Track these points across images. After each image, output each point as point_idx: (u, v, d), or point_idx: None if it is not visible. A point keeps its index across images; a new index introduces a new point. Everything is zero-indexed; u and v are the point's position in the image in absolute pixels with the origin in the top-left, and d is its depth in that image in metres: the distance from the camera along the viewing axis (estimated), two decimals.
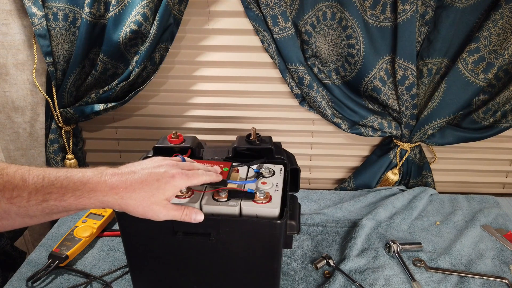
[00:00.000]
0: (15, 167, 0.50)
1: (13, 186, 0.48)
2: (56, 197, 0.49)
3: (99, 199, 0.51)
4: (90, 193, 0.50)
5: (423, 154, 1.15)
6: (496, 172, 1.22)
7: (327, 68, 1.07)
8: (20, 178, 0.48)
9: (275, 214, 0.63)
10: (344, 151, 1.22)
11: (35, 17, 0.96)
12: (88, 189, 0.50)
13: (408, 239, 0.93)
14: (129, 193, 0.52)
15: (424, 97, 1.07)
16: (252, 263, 0.67)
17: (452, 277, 0.82)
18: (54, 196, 0.49)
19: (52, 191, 0.49)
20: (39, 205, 0.49)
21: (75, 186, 0.50)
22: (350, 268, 0.84)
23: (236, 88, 1.15)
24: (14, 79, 1.10)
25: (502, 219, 0.99)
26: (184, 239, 0.64)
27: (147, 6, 0.94)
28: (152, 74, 1.06)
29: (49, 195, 0.49)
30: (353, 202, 1.05)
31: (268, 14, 0.98)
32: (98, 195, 0.51)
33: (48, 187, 0.49)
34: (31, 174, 0.49)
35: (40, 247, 0.90)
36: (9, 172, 0.49)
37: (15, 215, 0.49)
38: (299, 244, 0.92)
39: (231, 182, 0.67)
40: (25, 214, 0.49)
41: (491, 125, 1.04)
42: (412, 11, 0.91)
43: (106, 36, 0.99)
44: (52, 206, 0.49)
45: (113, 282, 0.81)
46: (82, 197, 0.50)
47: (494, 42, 0.94)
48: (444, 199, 1.08)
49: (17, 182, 0.48)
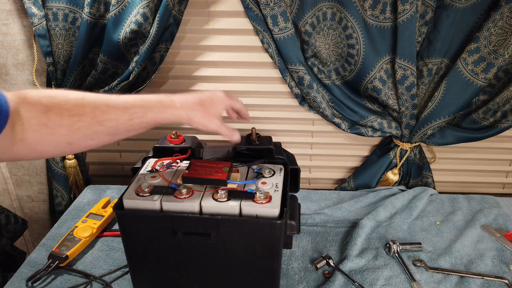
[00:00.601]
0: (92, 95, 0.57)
1: (101, 111, 0.56)
2: (139, 116, 0.58)
3: (174, 113, 0.61)
4: (166, 109, 0.61)
5: (423, 154, 1.15)
6: (496, 172, 1.22)
7: (327, 68, 1.07)
8: (104, 104, 0.57)
9: (275, 214, 0.63)
10: (344, 151, 1.22)
11: (35, 17, 0.96)
12: (164, 106, 0.61)
13: (408, 239, 0.93)
14: (194, 108, 0.63)
15: (424, 97, 1.07)
16: (252, 263, 0.67)
17: (452, 277, 0.82)
18: (137, 115, 0.58)
19: (135, 111, 0.58)
20: (125, 124, 0.58)
21: (153, 104, 0.60)
22: (350, 268, 0.84)
23: (236, 88, 1.15)
24: (14, 79, 1.10)
25: (502, 219, 0.99)
26: (184, 239, 0.64)
27: (147, 6, 0.94)
28: (152, 74, 1.06)
29: (133, 114, 0.58)
30: (353, 202, 1.05)
31: (268, 14, 0.98)
32: (172, 110, 0.61)
33: (132, 108, 0.58)
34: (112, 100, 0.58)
35: (40, 247, 0.90)
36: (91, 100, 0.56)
37: (103, 135, 0.57)
38: (299, 244, 0.92)
39: (231, 182, 0.67)
40: (113, 133, 0.58)
41: (491, 125, 1.04)
42: (412, 11, 0.91)
43: (106, 36, 0.99)
44: (136, 124, 0.59)
45: (113, 282, 0.81)
46: (160, 113, 0.60)
47: (494, 42, 0.94)
48: (444, 199, 1.08)
49: (103, 107, 0.56)
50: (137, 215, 0.65)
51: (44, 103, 0.53)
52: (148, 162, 0.76)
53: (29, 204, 1.35)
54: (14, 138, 0.51)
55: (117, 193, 1.09)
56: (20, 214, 1.35)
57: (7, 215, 1.10)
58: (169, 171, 0.72)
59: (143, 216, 0.65)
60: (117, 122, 0.57)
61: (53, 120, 0.53)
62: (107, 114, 0.56)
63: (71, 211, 1.03)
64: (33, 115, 0.52)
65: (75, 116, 0.54)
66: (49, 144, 0.55)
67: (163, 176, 0.70)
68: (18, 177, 1.30)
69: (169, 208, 0.64)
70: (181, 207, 0.64)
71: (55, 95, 0.55)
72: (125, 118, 0.58)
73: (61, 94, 0.55)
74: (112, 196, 1.08)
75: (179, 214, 0.63)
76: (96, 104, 0.56)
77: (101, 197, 1.07)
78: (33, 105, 0.53)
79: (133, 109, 0.58)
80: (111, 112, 0.57)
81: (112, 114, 0.57)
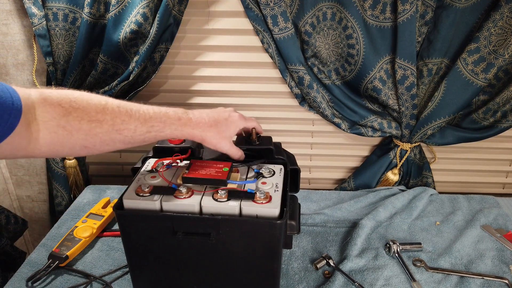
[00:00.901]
0: (114, 102, 0.58)
1: (121, 120, 0.57)
2: (157, 130, 0.60)
3: (189, 131, 0.63)
4: (183, 127, 0.62)
5: (423, 154, 1.15)
6: (496, 172, 1.22)
7: (327, 68, 1.07)
8: (125, 113, 0.58)
9: (275, 214, 0.63)
10: (344, 151, 1.22)
11: (35, 17, 0.96)
12: (181, 124, 0.62)
13: (408, 239, 0.93)
14: (207, 128, 0.64)
15: (424, 97, 1.07)
16: (252, 263, 0.67)
17: (452, 277, 0.82)
18: (155, 128, 0.60)
19: (154, 124, 0.60)
20: (142, 135, 0.59)
21: (171, 121, 0.61)
22: (350, 268, 0.84)
23: (236, 88, 1.15)
24: (14, 79, 1.10)
25: (502, 219, 0.99)
26: (184, 239, 0.64)
27: (147, 6, 0.94)
28: (152, 74, 1.06)
29: (152, 127, 0.60)
30: (353, 202, 1.05)
31: (268, 14, 0.98)
32: (188, 129, 0.63)
33: (151, 121, 0.59)
34: (133, 110, 0.58)
35: (40, 247, 0.90)
36: (113, 106, 0.57)
37: (119, 142, 0.59)
38: (299, 244, 0.92)
39: (231, 182, 0.67)
40: (128, 142, 0.59)
41: (491, 125, 1.04)
42: (412, 11, 0.91)
43: (106, 36, 0.99)
44: (152, 136, 0.60)
45: (113, 282, 0.81)
46: (176, 130, 0.62)
47: (494, 42, 0.94)
48: (444, 199, 1.08)
49: (124, 116, 0.57)
50: (137, 215, 0.65)
51: (65, 106, 0.54)
52: (148, 162, 0.76)
53: (29, 204, 1.35)
54: (30, 137, 0.52)
55: (117, 193, 1.09)
56: (20, 214, 1.35)
57: (7, 215, 1.10)
58: (169, 171, 0.72)
59: (143, 216, 0.65)
60: (135, 132, 0.59)
61: (72, 124, 0.54)
62: (126, 123, 0.58)
63: (71, 211, 1.03)
64: (51, 117, 0.53)
65: (94, 122, 0.55)
66: (65, 145, 0.56)
67: (163, 176, 0.70)
68: (18, 177, 1.30)
69: (169, 208, 0.64)
70: (181, 207, 0.64)
71: (77, 99, 0.55)
72: (143, 130, 0.59)
73: (83, 97, 0.56)
74: (112, 196, 1.08)
75: (179, 214, 0.63)
76: (117, 112, 0.57)
77: (101, 197, 1.07)
78: (53, 107, 0.53)
79: (152, 122, 0.59)
80: (131, 123, 0.58)
81: (132, 125, 0.58)
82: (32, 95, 0.53)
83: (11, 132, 0.49)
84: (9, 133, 0.49)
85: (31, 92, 0.54)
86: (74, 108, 0.54)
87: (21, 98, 0.50)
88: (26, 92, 0.52)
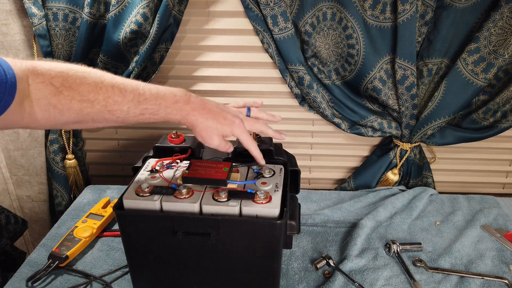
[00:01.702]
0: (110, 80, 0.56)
1: (114, 101, 0.55)
2: (150, 112, 0.58)
3: (183, 115, 0.61)
4: (178, 111, 0.60)
5: (423, 154, 1.15)
6: (496, 172, 1.22)
7: (327, 68, 1.07)
8: (119, 93, 0.55)
9: (275, 214, 0.63)
10: (344, 151, 1.22)
11: (35, 17, 0.96)
12: (177, 107, 0.60)
13: (408, 239, 0.93)
14: (202, 118, 0.62)
15: (424, 97, 1.07)
16: (252, 263, 0.67)
17: (452, 277, 0.82)
18: (149, 111, 0.58)
19: (148, 107, 0.58)
20: (135, 117, 0.58)
21: (166, 104, 0.59)
22: (350, 268, 0.84)
23: (236, 88, 1.15)
24: None
25: (502, 219, 0.99)
26: (184, 239, 0.64)
27: (147, 6, 0.94)
28: (152, 74, 1.06)
29: (146, 109, 0.58)
30: (353, 202, 1.05)
31: (268, 14, 0.98)
32: (183, 113, 0.61)
33: (145, 103, 0.57)
34: (127, 90, 0.56)
35: (40, 247, 0.90)
36: (108, 86, 0.55)
37: (112, 122, 0.58)
38: (299, 244, 0.92)
39: (231, 182, 0.67)
40: (121, 122, 0.58)
41: (491, 125, 1.04)
42: (412, 11, 0.91)
43: (106, 36, 0.99)
44: (146, 118, 0.59)
45: (113, 282, 0.81)
46: (171, 113, 0.60)
47: (494, 42, 0.94)
48: (444, 199, 1.08)
49: (117, 97, 0.55)
50: (137, 215, 0.65)
51: (56, 85, 0.52)
52: (148, 162, 0.76)
53: (29, 204, 1.35)
54: (23, 112, 0.52)
55: (117, 193, 1.09)
56: (20, 214, 1.35)
57: (7, 215, 1.10)
58: (169, 171, 0.72)
59: (143, 216, 0.65)
60: (128, 114, 0.57)
61: (63, 102, 0.53)
62: (119, 104, 0.56)
63: (71, 211, 1.03)
64: (43, 95, 0.52)
65: (86, 102, 0.54)
66: (58, 122, 0.55)
67: (163, 176, 0.70)
68: (18, 177, 1.30)
69: (169, 208, 0.64)
70: (181, 207, 0.64)
71: (71, 76, 0.53)
72: (136, 112, 0.57)
73: (78, 74, 0.54)
74: (112, 196, 1.08)
75: (179, 214, 0.63)
76: (111, 92, 0.55)
77: (101, 197, 1.07)
78: (45, 85, 0.52)
79: (146, 105, 0.58)
80: (124, 104, 0.56)
81: (125, 106, 0.56)
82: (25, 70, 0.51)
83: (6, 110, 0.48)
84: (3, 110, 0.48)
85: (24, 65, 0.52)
86: (66, 87, 0.53)
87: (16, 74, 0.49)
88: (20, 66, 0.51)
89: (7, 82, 0.47)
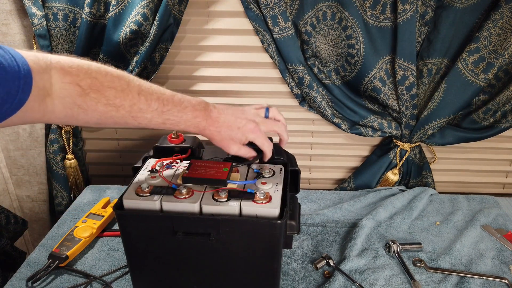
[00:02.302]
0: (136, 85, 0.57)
1: (139, 108, 0.57)
2: (172, 123, 0.60)
3: (201, 128, 0.63)
4: (196, 125, 0.62)
5: (423, 154, 1.15)
6: (496, 172, 1.22)
7: (327, 68, 1.07)
8: (144, 101, 0.57)
9: (275, 214, 0.63)
10: (344, 151, 1.22)
11: (35, 17, 0.96)
12: (195, 122, 0.62)
13: (408, 239, 0.93)
14: (218, 129, 0.64)
15: (424, 97, 1.07)
16: (252, 263, 0.67)
17: (452, 277, 0.82)
18: (171, 121, 0.60)
19: (170, 117, 0.59)
20: (156, 125, 0.59)
21: (187, 118, 0.61)
22: (350, 268, 0.84)
23: (236, 89, 1.15)
24: None
25: (502, 219, 0.99)
26: (184, 239, 0.64)
27: (147, 6, 0.94)
28: (152, 74, 1.06)
29: (167, 120, 0.59)
30: (353, 202, 1.05)
31: (268, 14, 0.98)
32: (200, 126, 0.62)
33: (168, 113, 0.59)
34: (153, 99, 0.58)
35: (40, 247, 0.90)
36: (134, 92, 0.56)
37: (132, 126, 0.59)
38: (299, 244, 0.92)
39: (231, 182, 0.67)
40: (142, 127, 0.60)
41: (491, 125, 1.04)
42: (412, 11, 0.91)
43: (106, 36, 0.99)
44: (166, 127, 0.61)
45: (113, 282, 0.81)
46: (190, 127, 0.62)
47: (494, 42, 0.94)
48: (444, 199, 1.08)
49: (142, 105, 0.57)
50: (137, 215, 0.65)
51: (83, 87, 0.53)
52: (148, 162, 0.76)
53: (29, 204, 1.35)
54: (45, 110, 0.52)
55: (117, 193, 1.09)
56: (20, 214, 1.35)
57: (7, 215, 1.10)
58: (169, 171, 0.72)
59: (143, 216, 0.65)
60: (150, 122, 0.58)
61: (89, 104, 0.53)
62: (144, 112, 0.57)
63: (71, 211, 1.03)
64: (68, 94, 0.52)
65: (111, 106, 0.55)
66: (79, 120, 0.55)
67: (163, 176, 0.70)
68: (18, 177, 1.30)
69: (169, 208, 0.64)
70: (181, 207, 0.64)
71: (97, 77, 0.54)
72: (158, 121, 0.59)
73: (106, 78, 0.55)
74: (112, 196, 1.08)
75: (179, 214, 0.63)
76: (137, 100, 0.56)
77: (101, 197, 1.07)
78: (72, 85, 0.52)
79: (168, 115, 0.59)
80: (148, 112, 0.57)
81: (149, 114, 0.58)
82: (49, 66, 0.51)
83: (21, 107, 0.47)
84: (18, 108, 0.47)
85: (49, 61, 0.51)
86: (93, 90, 0.53)
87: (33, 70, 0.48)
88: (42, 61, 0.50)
89: (20, 78, 0.46)
